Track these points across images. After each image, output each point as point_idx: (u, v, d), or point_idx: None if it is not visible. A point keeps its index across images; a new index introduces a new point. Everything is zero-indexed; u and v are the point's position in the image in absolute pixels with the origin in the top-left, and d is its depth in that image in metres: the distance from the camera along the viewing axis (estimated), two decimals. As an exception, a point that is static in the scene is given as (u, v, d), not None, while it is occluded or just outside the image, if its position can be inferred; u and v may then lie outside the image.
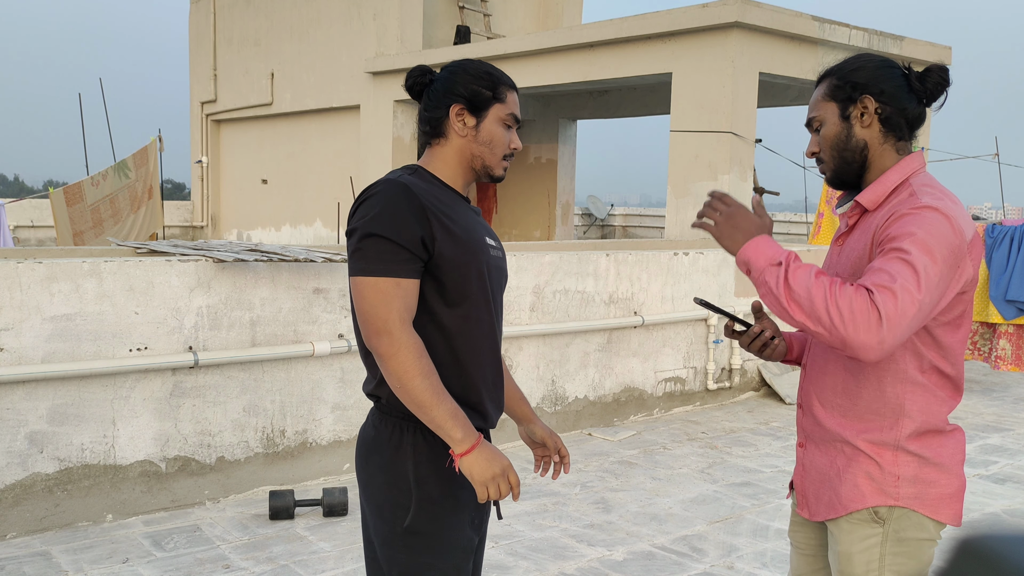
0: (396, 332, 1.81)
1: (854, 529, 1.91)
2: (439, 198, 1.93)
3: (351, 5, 12.49)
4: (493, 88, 1.98)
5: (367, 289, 1.84)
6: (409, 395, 1.82)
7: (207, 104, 15.44)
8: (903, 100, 1.90)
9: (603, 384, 6.10)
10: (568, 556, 3.90)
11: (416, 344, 1.83)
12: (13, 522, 3.99)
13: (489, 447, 1.87)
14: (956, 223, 1.76)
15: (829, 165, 1.96)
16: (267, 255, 4.61)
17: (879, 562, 1.89)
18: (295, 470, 4.78)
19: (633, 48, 8.70)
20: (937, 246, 1.73)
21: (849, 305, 1.68)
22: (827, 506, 1.97)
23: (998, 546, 0.66)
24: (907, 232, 1.75)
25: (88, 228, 9.18)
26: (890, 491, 1.87)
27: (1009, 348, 7.13)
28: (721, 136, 7.95)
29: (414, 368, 1.81)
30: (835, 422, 1.94)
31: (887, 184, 1.89)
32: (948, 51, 10.00)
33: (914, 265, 1.71)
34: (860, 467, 1.90)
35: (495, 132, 1.99)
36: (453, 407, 1.84)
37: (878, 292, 1.69)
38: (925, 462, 1.87)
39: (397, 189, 1.87)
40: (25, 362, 3.97)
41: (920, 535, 1.89)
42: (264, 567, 3.71)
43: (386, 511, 1.93)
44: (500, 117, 2.00)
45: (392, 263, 1.83)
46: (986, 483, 5.05)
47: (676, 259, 6.42)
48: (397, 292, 1.83)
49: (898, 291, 1.68)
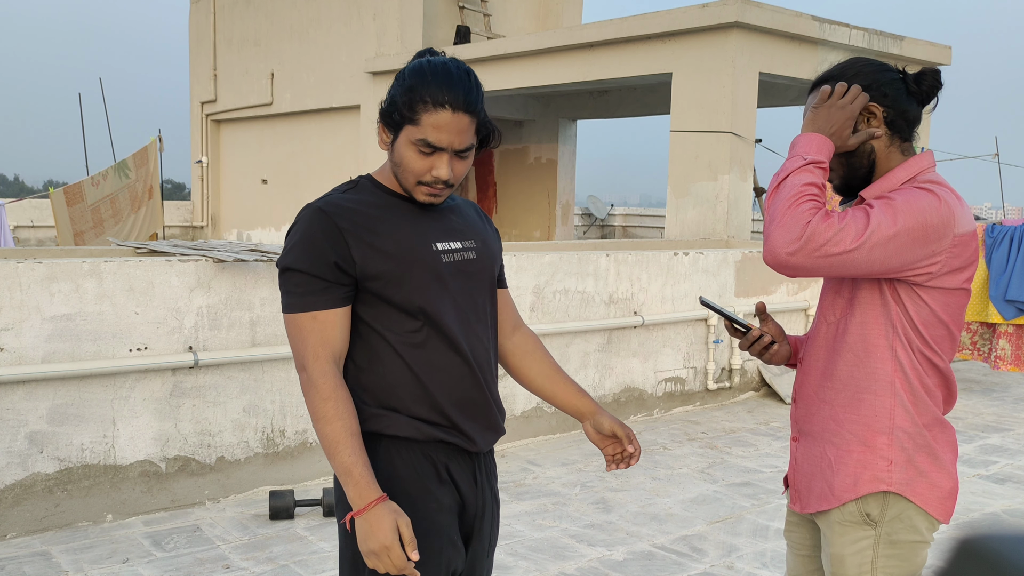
0: (309, 369, 1.75)
1: (846, 531, 1.91)
2: (368, 213, 1.80)
3: (351, 5, 12.49)
4: (410, 106, 1.73)
5: (288, 325, 1.80)
6: (318, 436, 1.75)
7: (207, 104, 15.44)
8: (904, 103, 1.91)
9: (603, 384, 6.10)
10: (568, 556, 3.90)
11: (324, 384, 1.73)
12: (13, 522, 3.99)
13: (383, 515, 1.66)
14: (944, 205, 1.77)
15: (837, 172, 1.95)
16: (267, 255, 4.61)
17: (871, 564, 1.88)
18: (295, 470, 4.78)
19: (633, 48, 8.70)
20: (907, 214, 1.75)
21: (793, 208, 1.76)
22: (819, 497, 1.96)
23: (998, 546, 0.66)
24: (887, 197, 1.79)
25: (88, 228, 9.18)
26: (882, 476, 1.87)
27: (1009, 348, 7.13)
28: (721, 136, 7.95)
29: (319, 410, 1.73)
30: (828, 413, 1.94)
31: (894, 181, 1.89)
32: (948, 51, 10.00)
33: (870, 217, 1.75)
34: (852, 456, 1.90)
35: (404, 155, 1.77)
36: (352, 460, 1.69)
37: (822, 217, 1.74)
38: (917, 448, 1.88)
39: (311, 216, 1.79)
40: (25, 362, 3.97)
41: (912, 537, 1.89)
42: (264, 567, 3.71)
43: (348, 531, 1.79)
44: (410, 140, 1.76)
45: (308, 295, 1.76)
46: (986, 483, 5.05)
47: (676, 259, 6.42)
48: (313, 327, 1.76)
49: (840, 227, 1.73)
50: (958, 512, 4.54)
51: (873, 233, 1.74)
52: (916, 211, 1.76)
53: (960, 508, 4.61)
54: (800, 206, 1.77)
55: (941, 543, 4.06)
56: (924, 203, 1.76)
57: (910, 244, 1.76)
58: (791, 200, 1.78)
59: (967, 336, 7.35)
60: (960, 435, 6.11)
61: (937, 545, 4.03)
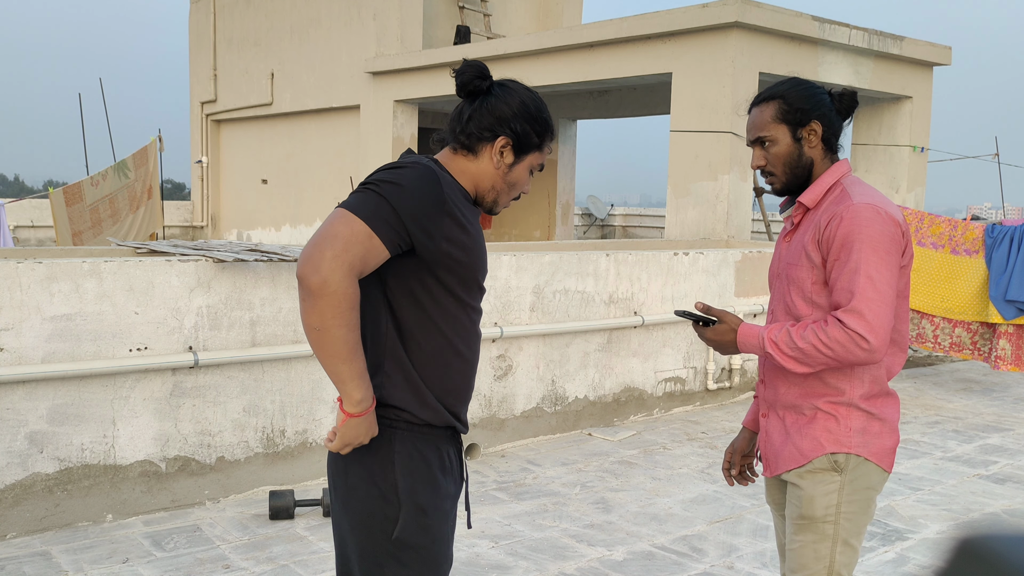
0: (341, 272, 1.71)
1: (816, 476, 2.21)
2: (460, 201, 1.91)
3: (351, 5, 12.49)
4: (542, 136, 1.97)
5: (340, 220, 1.75)
6: (327, 340, 1.73)
7: (207, 104, 15.44)
8: (835, 121, 2.27)
9: (603, 384, 6.10)
10: (568, 556, 3.90)
11: (354, 294, 1.74)
12: (13, 522, 3.99)
13: (372, 419, 1.84)
14: (888, 214, 2.10)
15: (780, 179, 2.27)
16: (267, 255, 4.61)
17: (836, 508, 2.19)
18: (295, 470, 4.78)
19: (633, 48, 8.70)
20: (880, 243, 2.08)
21: (834, 341, 2.07)
22: (788, 459, 2.26)
23: (998, 546, 0.66)
24: (852, 238, 2.09)
25: (87, 228, 9.18)
26: (844, 440, 2.19)
27: (1009, 348, 7.13)
28: (721, 136, 7.95)
29: (343, 316, 1.73)
30: (798, 392, 2.25)
31: (823, 185, 2.23)
32: (948, 51, 10.00)
33: (868, 273, 2.06)
34: (820, 423, 2.21)
35: (522, 176, 1.99)
36: (362, 367, 1.79)
37: (847, 318, 2.06)
38: (872, 417, 2.21)
39: (426, 172, 1.82)
40: (25, 362, 3.97)
41: (868, 485, 2.21)
42: (264, 567, 3.71)
43: (371, 523, 1.85)
44: (533, 164, 2.00)
45: (381, 220, 1.76)
46: (986, 483, 5.05)
47: (676, 259, 6.42)
48: (366, 243, 1.74)
49: (862, 308, 2.05)
50: (958, 512, 4.55)
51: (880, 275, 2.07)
52: (882, 234, 2.08)
53: (960, 508, 4.62)
54: (823, 335, 2.08)
55: (941, 543, 4.06)
56: (878, 224, 2.09)
57: (895, 260, 2.11)
58: (815, 346, 2.09)
59: (967, 336, 7.35)
60: (960, 435, 6.11)
61: (937, 545, 4.03)
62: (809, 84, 2.28)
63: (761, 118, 2.26)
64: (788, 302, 2.26)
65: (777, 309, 2.33)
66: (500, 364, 5.55)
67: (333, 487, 1.93)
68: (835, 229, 2.11)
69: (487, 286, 5.41)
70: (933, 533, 4.22)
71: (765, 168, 2.27)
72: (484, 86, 1.93)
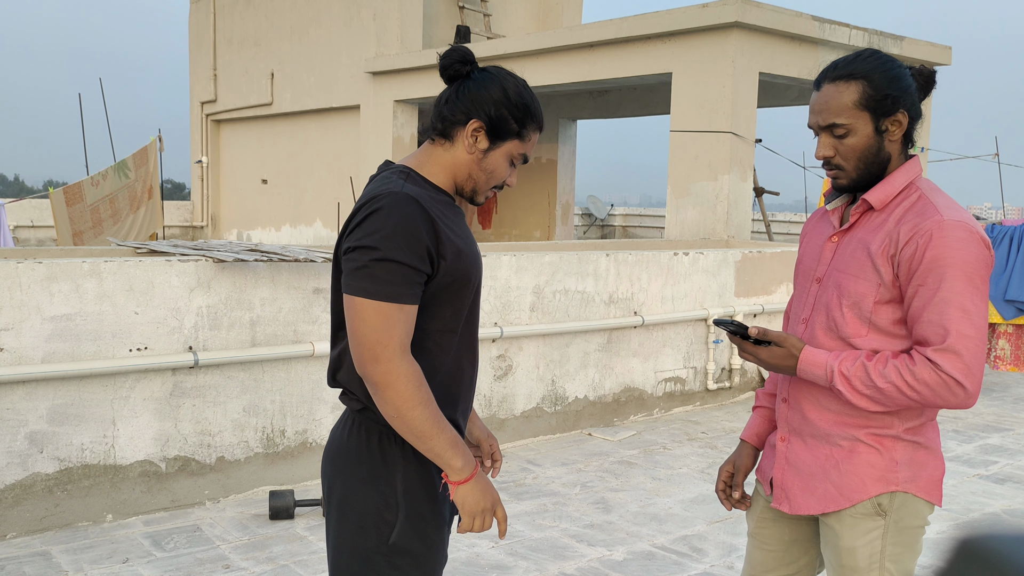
0: (396, 360, 1.72)
1: (857, 523, 1.94)
2: (441, 209, 1.83)
3: (351, 5, 12.49)
4: (522, 124, 1.87)
5: (368, 311, 1.73)
6: (408, 425, 1.75)
7: (207, 104, 15.44)
8: (919, 108, 1.92)
9: (603, 384, 6.10)
10: (568, 556, 3.90)
11: (415, 372, 1.75)
12: (13, 522, 3.99)
13: (484, 478, 1.84)
14: (981, 236, 1.81)
15: (850, 174, 1.91)
16: (267, 255, 4.61)
17: (881, 553, 1.93)
18: (295, 470, 4.79)
19: (633, 48, 8.70)
20: (975, 271, 1.79)
21: (923, 384, 1.79)
22: (822, 500, 1.98)
23: (998, 546, 0.66)
24: (944, 263, 1.79)
25: (87, 228, 9.18)
26: (890, 477, 1.92)
27: (1008, 348, 7.13)
28: (721, 136, 7.95)
29: (414, 398, 1.73)
30: (832, 419, 1.96)
31: (895, 185, 1.91)
32: (948, 51, 10.00)
33: (963, 306, 1.78)
34: (861, 457, 1.93)
35: (499, 164, 1.89)
36: (453, 436, 1.79)
37: (941, 359, 1.78)
38: (918, 446, 1.94)
39: (405, 203, 1.74)
40: (25, 362, 3.97)
41: (916, 522, 1.95)
42: (264, 567, 3.71)
43: (369, 526, 1.84)
44: (512, 153, 1.89)
45: (400, 287, 1.73)
46: (986, 483, 5.05)
47: (676, 259, 6.42)
48: (400, 317, 1.74)
49: (958, 347, 1.78)
50: (958, 512, 4.55)
51: (976, 308, 1.80)
52: (978, 261, 1.80)
53: (960, 508, 4.61)
54: (910, 377, 1.80)
55: (941, 543, 4.06)
56: (974, 248, 1.80)
57: (986, 286, 1.83)
58: (899, 387, 1.82)
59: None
60: (960, 435, 6.11)
61: (937, 545, 4.03)
62: (893, 62, 1.89)
63: (839, 101, 1.87)
64: (835, 316, 1.93)
65: (815, 321, 1.99)
66: (500, 364, 5.56)
67: (329, 488, 1.92)
68: (921, 249, 1.80)
69: (487, 287, 5.42)
70: (933, 533, 4.22)
71: (833, 160, 1.91)
72: (464, 70, 1.87)
